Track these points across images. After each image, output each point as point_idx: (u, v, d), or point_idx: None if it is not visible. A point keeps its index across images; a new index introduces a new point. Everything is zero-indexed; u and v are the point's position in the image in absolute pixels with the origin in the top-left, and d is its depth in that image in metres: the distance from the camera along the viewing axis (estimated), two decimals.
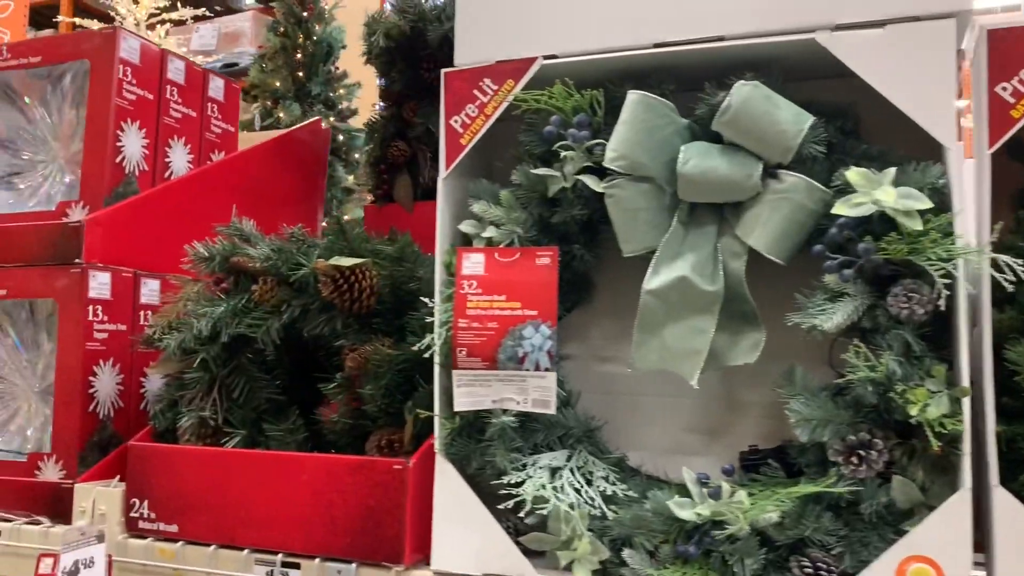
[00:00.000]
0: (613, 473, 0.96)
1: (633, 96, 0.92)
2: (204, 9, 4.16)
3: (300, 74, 3.51)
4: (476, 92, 1.00)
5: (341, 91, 3.57)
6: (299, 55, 3.51)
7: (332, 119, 3.43)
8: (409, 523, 0.98)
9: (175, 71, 1.38)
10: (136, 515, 1.14)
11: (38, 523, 1.20)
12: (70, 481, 1.18)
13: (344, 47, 3.59)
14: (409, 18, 1.50)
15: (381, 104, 1.76)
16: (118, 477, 1.22)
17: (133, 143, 1.30)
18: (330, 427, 1.12)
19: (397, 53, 1.57)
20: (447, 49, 1.54)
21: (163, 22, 3.43)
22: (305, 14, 3.55)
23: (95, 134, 1.27)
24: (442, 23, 1.47)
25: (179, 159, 1.39)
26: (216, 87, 1.48)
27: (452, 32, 1.49)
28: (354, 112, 3.59)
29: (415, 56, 1.58)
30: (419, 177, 1.67)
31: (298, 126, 1.72)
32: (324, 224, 1.76)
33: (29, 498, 1.20)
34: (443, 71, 1.03)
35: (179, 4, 3.49)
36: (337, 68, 3.60)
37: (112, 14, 3.73)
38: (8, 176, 1.38)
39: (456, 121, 1.01)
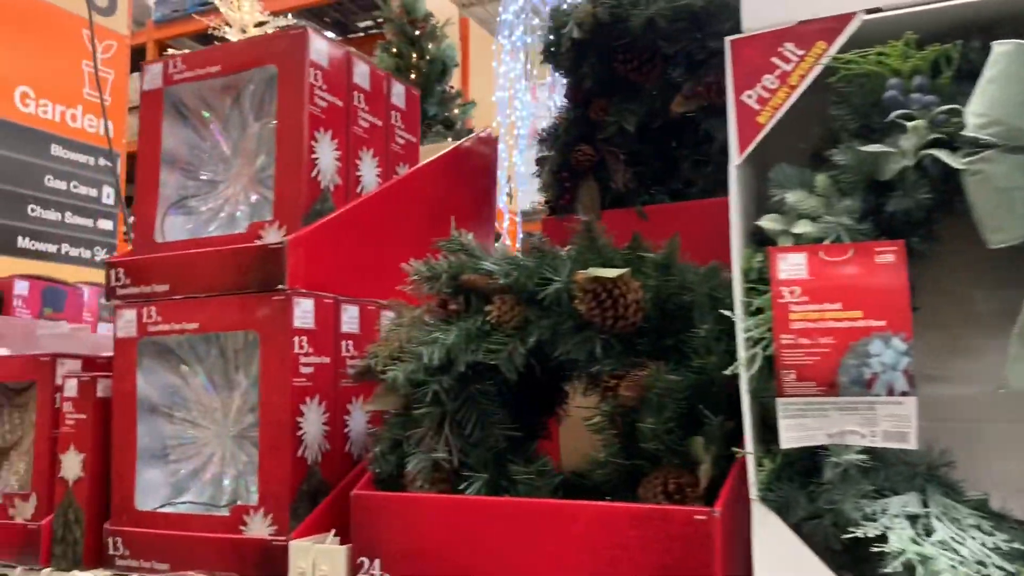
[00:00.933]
0: (984, 521, 0.76)
1: (1003, 48, 0.73)
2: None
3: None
4: (775, 60, 0.83)
5: (456, 110, 3.46)
6: (413, 75, 3.42)
7: (450, 140, 3.32)
8: None
9: (360, 75, 1.25)
10: None
11: None
12: (283, 538, 1.04)
13: (457, 65, 3.49)
14: (607, 5, 1.33)
15: (559, 107, 1.60)
16: (333, 531, 1.06)
17: (327, 155, 1.16)
18: (587, 470, 0.95)
19: (589, 46, 1.41)
20: (651, 34, 1.39)
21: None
22: (417, 32, 3.46)
23: (288, 146, 1.13)
24: (647, 5, 1.30)
25: (369, 172, 1.25)
26: (398, 94, 1.34)
27: (659, 13, 1.34)
28: (469, 131, 3.48)
29: (608, 48, 1.42)
30: (610, 182, 1.50)
31: (471, 137, 1.57)
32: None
33: (235, 557, 1.06)
34: (728, 39, 0.87)
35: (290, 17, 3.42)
36: (452, 88, 3.49)
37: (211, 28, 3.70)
38: (182, 200, 1.26)
39: (749, 96, 0.84)
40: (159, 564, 1.13)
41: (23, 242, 3.89)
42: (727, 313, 0.84)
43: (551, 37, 1.49)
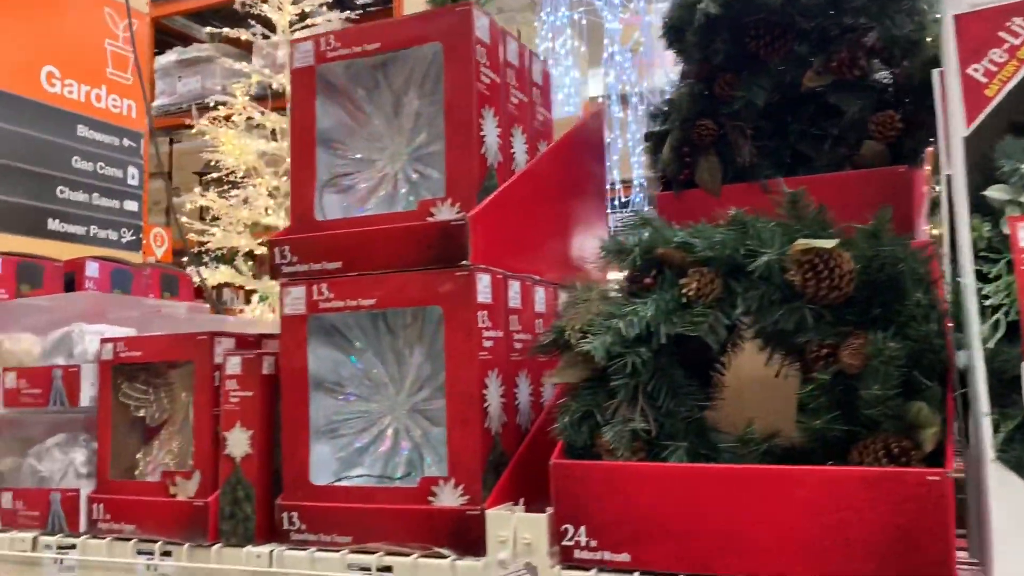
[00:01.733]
0: None
1: None
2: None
3: None
4: (1003, 34, 0.86)
5: None
6: None
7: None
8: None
9: (512, 53, 1.27)
10: (571, 543, 1.01)
11: (440, 556, 1.07)
12: (476, 508, 1.05)
13: None
14: None
15: (673, 85, 1.63)
16: (522, 500, 1.09)
17: (491, 132, 1.18)
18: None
19: (721, 22, 1.43)
20: (789, 10, 1.41)
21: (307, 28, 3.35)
22: None
23: (457, 123, 1.15)
24: None
25: (520, 149, 1.28)
26: (537, 70, 1.35)
27: None
28: None
29: (739, 24, 1.44)
30: (735, 157, 1.53)
31: (586, 112, 1.59)
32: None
33: (425, 528, 1.09)
34: (953, 14, 0.89)
35: (326, 8, 3.40)
36: None
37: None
38: (334, 179, 1.26)
39: (976, 70, 0.86)
40: (340, 537, 1.15)
41: (53, 224, 3.85)
42: (961, 280, 0.87)
43: (677, 13, 1.50)
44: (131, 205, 4.26)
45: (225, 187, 3.37)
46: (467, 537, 1.09)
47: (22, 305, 1.71)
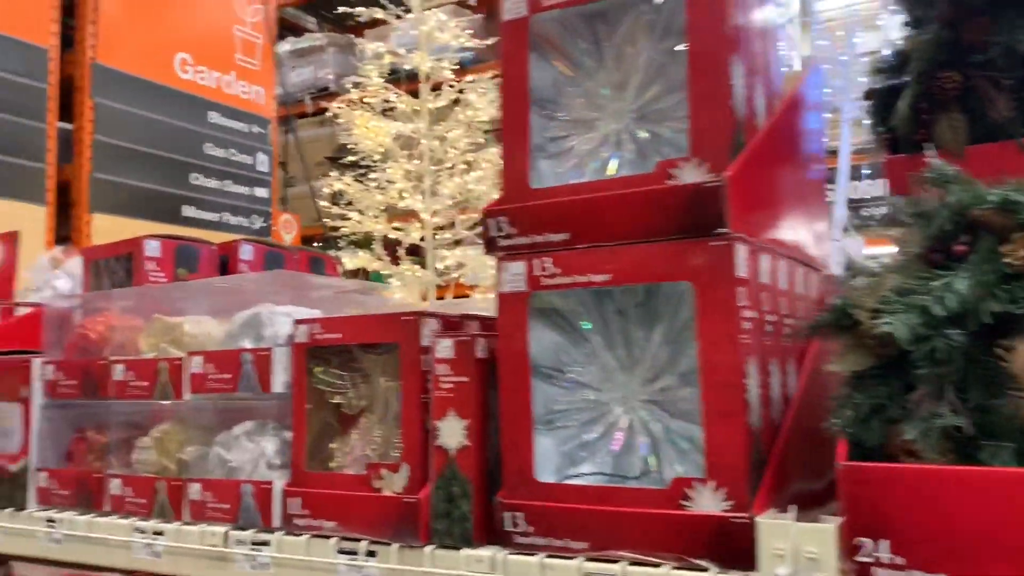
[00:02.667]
0: None
1: None
2: None
3: None
4: None
5: None
6: None
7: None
8: None
9: None
10: (869, 559, 0.85)
11: (699, 568, 0.93)
12: (743, 514, 0.91)
13: None
14: None
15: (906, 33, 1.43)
16: (792, 507, 0.94)
17: (739, 83, 1.02)
18: None
19: None
20: None
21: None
22: None
23: (705, 72, 1.01)
24: None
25: (760, 104, 1.11)
26: (771, 24, 1.18)
27: None
28: None
29: None
30: (987, 112, 1.32)
31: (801, 69, 1.41)
32: None
33: (678, 535, 0.96)
34: None
35: None
36: None
37: None
38: (547, 142, 1.13)
39: None
40: (575, 543, 1.03)
41: (187, 210, 3.89)
42: None
43: None
44: (261, 192, 4.28)
45: (361, 171, 3.29)
46: (731, 547, 0.95)
47: (200, 286, 1.65)
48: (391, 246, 3.54)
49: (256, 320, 1.36)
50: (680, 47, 1.10)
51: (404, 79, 3.56)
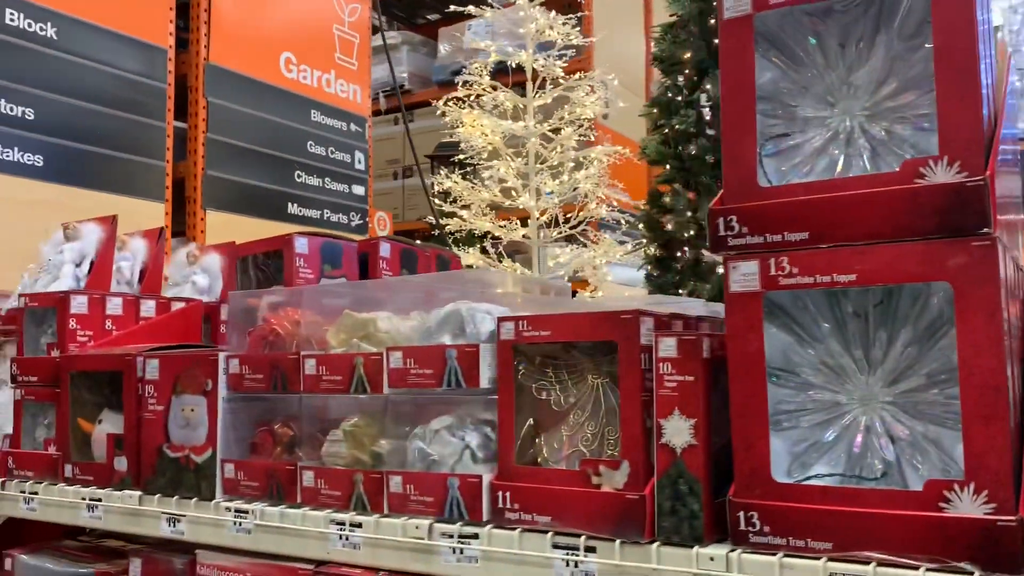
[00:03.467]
0: None
1: None
2: None
3: (714, 43, 3.22)
4: None
5: None
6: (712, 21, 3.23)
7: None
8: None
9: None
10: None
11: (960, 571, 0.92)
12: (1010, 518, 0.89)
13: None
14: None
15: None
16: None
17: (987, 80, 1.00)
18: None
19: None
20: None
21: None
22: None
23: (955, 71, 1.00)
24: None
25: (995, 96, 1.08)
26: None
27: None
28: None
29: None
30: None
31: (1001, 54, 1.38)
32: None
33: (935, 539, 0.95)
34: None
35: None
36: None
37: None
38: (770, 139, 1.12)
39: None
40: (816, 543, 1.03)
41: (292, 208, 3.96)
42: None
43: None
44: (358, 189, 4.34)
45: (467, 169, 3.33)
46: (997, 551, 0.94)
47: (388, 284, 1.68)
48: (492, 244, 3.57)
49: (455, 317, 1.38)
50: (925, 44, 1.08)
51: (510, 74, 3.58)
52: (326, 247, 2.21)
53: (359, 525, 1.39)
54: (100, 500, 1.74)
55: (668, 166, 3.24)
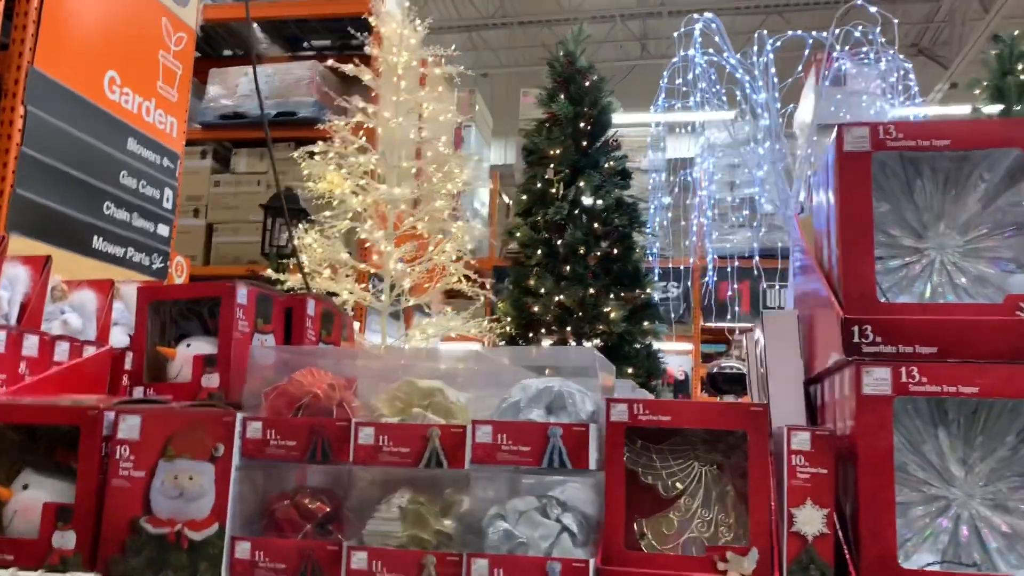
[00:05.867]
0: None
1: None
2: None
3: (584, 143, 3.42)
4: None
5: (611, 163, 3.52)
6: (582, 124, 3.44)
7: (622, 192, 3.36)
8: None
9: None
10: None
11: None
12: None
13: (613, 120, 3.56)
14: None
15: None
16: None
17: None
18: None
19: None
20: None
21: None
22: (587, 84, 3.50)
23: None
24: None
25: None
26: None
27: None
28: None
29: None
30: None
31: None
32: None
33: None
34: None
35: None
36: (616, 141, 3.54)
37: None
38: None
39: None
40: None
41: (97, 242, 3.54)
42: None
43: None
44: (163, 229, 3.99)
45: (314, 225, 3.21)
46: None
47: (426, 352, 1.59)
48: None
49: (547, 393, 1.37)
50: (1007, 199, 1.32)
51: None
52: (261, 299, 2.02)
53: None
54: None
55: (539, 251, 3.38)
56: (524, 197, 3.41)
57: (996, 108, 3.87)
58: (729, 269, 6.69)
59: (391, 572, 1.35)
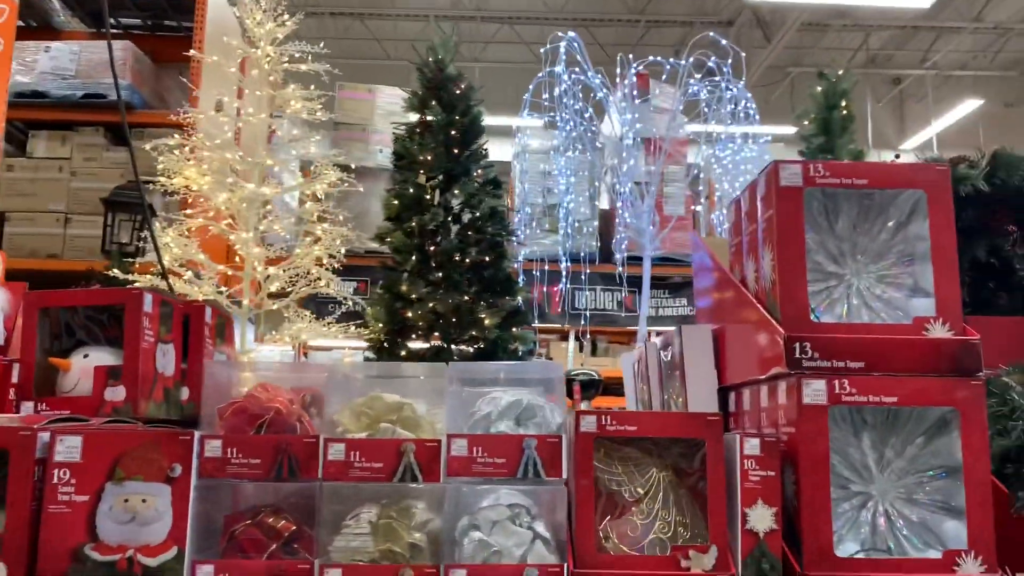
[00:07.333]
0: None
1: None
2: None
3: (456, 150, 3.45)
4: None
5: (481, 170, 3.58)
6: (454, 132, 3.47)
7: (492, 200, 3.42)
8: None
9: None
10: None
11: None
12: (994, 574, 1.36)
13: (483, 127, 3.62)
14: None
15: None
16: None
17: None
18: None
19: None
20: None
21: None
22: (457, 92, 3.53)
23: (943, 259, 1.51)
24: None
25: None
26: None
27: None
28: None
29: None
30: None
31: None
32: None
33: None
34: None
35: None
36: (485, 149, 3.60)
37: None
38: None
39: None
40: None
41: None
42: None
43: None
44: None
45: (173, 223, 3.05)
46: None
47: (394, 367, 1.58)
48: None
49: (516, 406, 1.43)
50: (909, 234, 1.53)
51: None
52: (164, 307, 1.92)
53: None
54: None
55: (413, 257, 3.37)
56: (396, 202, 3.41)
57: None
58: (537, 273, 6.98)
59: None
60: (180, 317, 2.02)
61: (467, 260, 3.29)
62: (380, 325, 3.29)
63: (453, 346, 3.27)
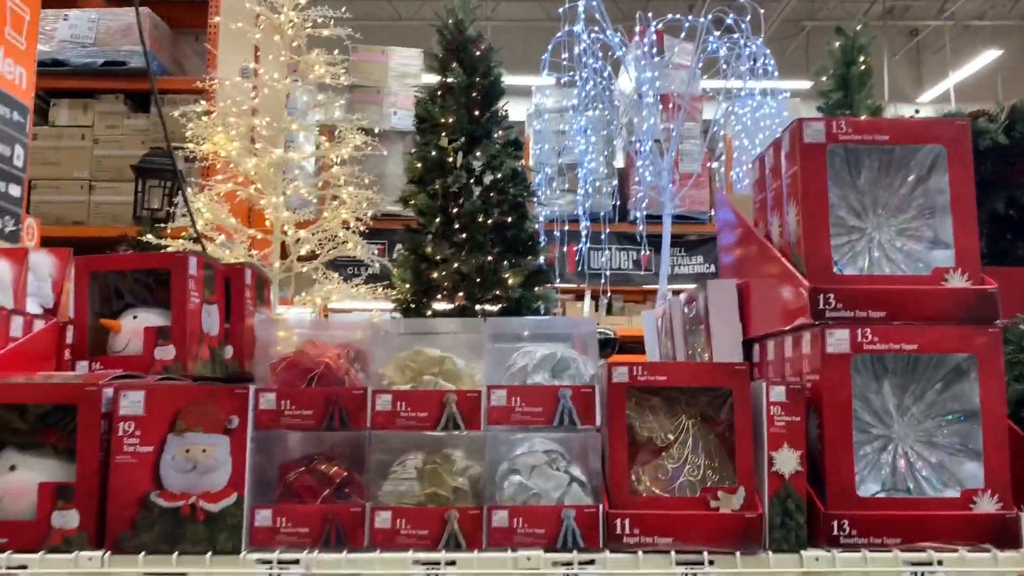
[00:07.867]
0: None
1: None
2: None
3: (477, 112, 3.48)
4: None
5: (502, 132, 3.61)
6: (475, 94, 3.50)
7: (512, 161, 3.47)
8: None
9: None
10: None
11: (982, 550, 1.42)
12: (1012, 512, 1.44)
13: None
14: None
15: None
16: None
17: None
18: None
19: None
20: None
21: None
22: (478, 53, 3.55)
23: (965, 212, 1.56)
24: None
25: None
26: None
27: None
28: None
29: None
30: None
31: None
32: None
33: (967, 530, 1.43)
34: None
35: None
36: (505, 111, 3.63)
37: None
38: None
39: None
40: (890, 539, 1.45)
41: None
42: None
43: None
44: (15, 189, 3.71)
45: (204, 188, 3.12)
46: (1005, 536, 1.43)
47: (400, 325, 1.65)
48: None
49: (551, 359, 1.50)
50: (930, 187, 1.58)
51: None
52: (208, 270, 1.99)
53: (454, 563, 1.41)
54: (25, 567, 1.39)
55: (437, 219, 3.44)
56: (419, 164, 3.46)
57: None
58: (558, 233, 7.03)
59: (415, 528, 1.45)
60: (222, 279, 2.10)
61: (490, 221, 3.35)
62: (407, 286, 3.37)
63: (477, 305, 3.34)
